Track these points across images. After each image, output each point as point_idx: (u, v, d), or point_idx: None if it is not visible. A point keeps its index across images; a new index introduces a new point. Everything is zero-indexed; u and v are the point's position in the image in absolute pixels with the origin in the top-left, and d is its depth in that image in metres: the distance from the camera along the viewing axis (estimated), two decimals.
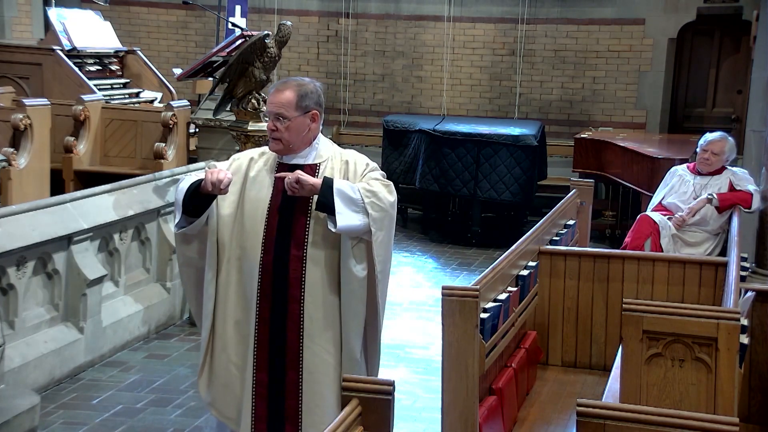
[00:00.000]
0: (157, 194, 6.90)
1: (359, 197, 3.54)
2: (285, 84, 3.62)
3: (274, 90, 3.61)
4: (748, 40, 10.22)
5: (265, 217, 3.60)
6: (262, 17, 12.35)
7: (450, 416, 3.63)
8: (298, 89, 3.58)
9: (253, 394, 3.66)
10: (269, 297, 3.61)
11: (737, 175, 6.69)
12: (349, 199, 3.52)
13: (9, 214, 5.44)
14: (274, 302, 3.61)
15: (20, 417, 4.75)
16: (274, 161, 3.67)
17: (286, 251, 3.59)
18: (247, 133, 6.79)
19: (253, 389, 3.66)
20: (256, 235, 3.59)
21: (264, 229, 3.59)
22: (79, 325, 5.85)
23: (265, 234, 3.59)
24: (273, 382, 3.64)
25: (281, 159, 3.66)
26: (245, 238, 3.61)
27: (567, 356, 5.18)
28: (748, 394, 4.41)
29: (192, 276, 3.80)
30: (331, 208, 3.50)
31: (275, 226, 3.60)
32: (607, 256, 5.16)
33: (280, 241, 3.59)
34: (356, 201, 3.53)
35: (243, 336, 3.67)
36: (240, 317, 3.67)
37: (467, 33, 12.16)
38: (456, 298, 3.58)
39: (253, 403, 3.66)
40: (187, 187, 3.56)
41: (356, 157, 3.73)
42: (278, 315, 3.62)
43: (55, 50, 9.04)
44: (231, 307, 3.68)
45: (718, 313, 3.33)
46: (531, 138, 9.61)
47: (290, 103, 3.56)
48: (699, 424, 2.43)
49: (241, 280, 3.64)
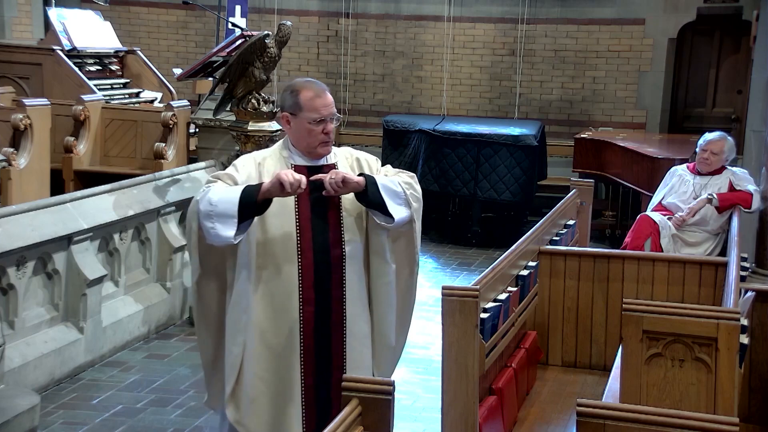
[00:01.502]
0: (157, 194, 6.90)
1: (401, 190, 3.59)
2: (320, 85, 3.62)
3: (321, 93, 3.56)
4: (748, 40, 10.22)
5: (295, 221, 3.53)
6: (262, 17, 12.35)
7: (450, 416, 3.63)
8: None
9: (302, 401, 3.57)
10: (313, 301, 3.55)
11: (737, 175, 6.69)
12: (394, 193, 3.56)
13: (9, 214, 5.44)
14: (318, 305, 3.56)
15: (20, 417, 4.75)
16: (283, 164, 3.59)
17: (326, 252, 3.56)
18: (247, 133, 6.79)
19: (302, 396, 3.57)
20: (289, 240, 3.52)
21: (297, 233, 3.53)
22: (79, 325, 5.86)
23: (299, 238, 3.53)
24: (320, 385, 3.59)
25: (293, 161, 3.60)
26: (274, 245, 3.52)
27: (567, 356, 5.18)
28: (748, 394, 4.41)
29: (215, 290, 3.65)
30: (380, 204, 3.51)
31: (309, 228, 3.54)
32: (607, 256, 5.16)
33: (318, 243, 3.55)
34: (399, 194, 3.58)
35: (269, 346, 3.56)
36: (266, 327, 3.55)
37: (467, 33, 12.16)
38: (456, 298, 3.58)
39: (303, 410, 3.57)
40: (233, 195, 3.41)
41: (366, 155, 3.76)
42: (322, 317, 3.58)
43: (55, 50, 9.04)
44: (257, 318, 3.56)
45: (718, 313, 3.33)
46: (531, 138, 9.61)
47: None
48: (699, 424, 2.43)
49: (269, 288, 3.54)
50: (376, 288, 3.67)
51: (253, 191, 3.41)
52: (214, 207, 3.40)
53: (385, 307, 3.69)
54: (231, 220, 3.38)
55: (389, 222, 3.56)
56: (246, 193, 3.41)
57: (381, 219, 3.56)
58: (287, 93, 3.60)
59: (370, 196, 3.51)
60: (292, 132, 3.60)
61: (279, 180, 3.36)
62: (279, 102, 3.72)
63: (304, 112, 3.54)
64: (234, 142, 7.14)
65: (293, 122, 3.58)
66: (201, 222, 3.43)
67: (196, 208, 3.44)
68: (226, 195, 3.42)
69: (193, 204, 3.48)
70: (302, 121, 3.55)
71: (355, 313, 3.62)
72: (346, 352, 3.62)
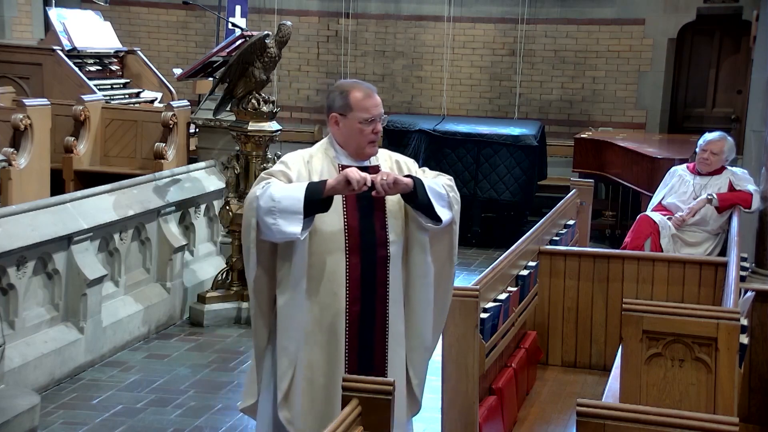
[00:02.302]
0: (157, 194, 6.91)
1: (445, 192, 3.62)
2: (369, 86, 3.65)
3: (370, 93, 3.60)
4: (748, 40, 10.22)
5: (343, 221, 3.55)
6: (262, 17, 12.35)
7: (450, 416, 3.63)
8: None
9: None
10: (359, 300, 3.57)
11: (737, 175, 6.69)
12: (439, 195, 3.59)
13: (9, 214, 5.44)
14: (363, 305, 3.58)
15: (20, 417, 4.75)
16: (330, 164, 3.60)
17: (372, 252, 3.58)
18: (247, 133, 6.79)
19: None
20: (337, 239, 3.54)
21: (345, 232, 3.54)
22: (79, 325, 5.86)
23: (347, 237, 3.54)
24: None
25: (340, 161, 3.62)
26: (322, 243, 3.53)
27: (567, 356, 5.18)
28: (748, 394, 4.41)
29: (268, 287, 3.62)
30: (427, 206, 3.55)
31: (357, 228, 3.56)
32: (607, 256, 5.16)
33: (365, 242, 3.57)
34: (443, 196, 3.61)
35: (316, 345, 3.57)
36: (313, 326, 3.57)
37: (467, 33, 12.16)
38: (456, 298, 3.59)
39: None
40: (296, 191, 3.42)
41: (404, 157, 3.79)
42: (367, 317, 3.60)
43: (55, 50, 9.03)
44: (306, 317, 3.57)
45: (718, 313, 3.33)
46: (531, 138, 9.61)
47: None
48: (699, 424, 2.43)
49: (317, 287, 3.55)
50: (416, 288, 3.68)
51: (318, 188, 3.44)
52: (277, 203, 3.40)
53: (425, 307, 3.70)
54: (296, 216, 3.39)
55: (436, 224, 3.59)
56: (311, 189, 3.43)
57: (426, 221, 3.59)
58: (336, 94, 3.61)
59: (419, 197, 3.54)
60: (341, 132, 3.61)
61: (346, 177, 3.40)
62: (327, 103, 3.65)
63: (355, 112, 3.57)
64: (234, 142, 7.14)
65: (342, 123, 3.59)
66: (261, 218, 3.42)
67: (255, 204, 3.42)
68: (289, 191, 3.43)
69: (251, 200, 3.46)
70: (352, 122, 3.57)
71: (396, 313, 3.65)
72: (388, 353, 3.64)
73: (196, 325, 6.89)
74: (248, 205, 3.47)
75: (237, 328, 6.85)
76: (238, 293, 6.97)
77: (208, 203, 7.57)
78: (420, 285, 3.67)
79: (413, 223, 3.63)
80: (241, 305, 6.94)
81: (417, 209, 3.58)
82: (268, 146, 6.95)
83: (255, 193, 3.45)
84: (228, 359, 6.23)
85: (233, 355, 6.32)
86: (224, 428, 5.14)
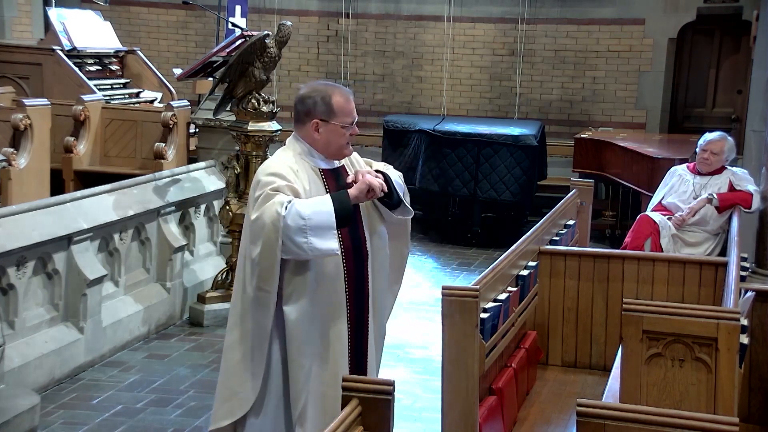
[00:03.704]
0: (157, 194, 6.90)
1: (402, 183, 3.75)
2: (345, 88, 3.69)
3: (349, 96, 3.62)
4: (748, 40, 10.22)
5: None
6: (262, 17, 12.35)
7: (450, 416, 3.62)
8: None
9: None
10: (354, 304, 3.62)
11: (737, 175, 6.69)
12: (402, 188, 3.72)
13: (9, 214, 5.44)
14: (357, 308, 3.64)
15: (20, 417, 4.75)
16: (311, 170, 3.61)
17: (359, 253, 3.65)
18: (247, 133, 6.79)
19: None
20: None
21: (339, 237, 3.55)
22: (79, 325, 5.85)
23: (341, 242, 3.56)
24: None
25: (319, 165, 3.63)
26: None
27: (567, 356, 5.18)
28: (748, 394, 4.41)
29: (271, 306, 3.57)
30: (399, 201, 3.68)
31: (347, 231, 3.60)
32: (607, 256, 5.16)
33: (354, 245, 3.63)
34: (403, 189, 3.73)
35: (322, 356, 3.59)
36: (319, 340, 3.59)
37: (467, 33, 12.16)
38: (456, 298, 3.58)
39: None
40: (323, 206, 3.43)
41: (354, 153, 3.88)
42: (360, 320, 3.67)
43: (55, 50, 9.03)
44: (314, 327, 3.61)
45: (718, 313, 3.33)
46: (531, 138, 9.61)
47: None
48: (699, 424, 2.42)
49: (318, 298, 3.56)
50: (377, 279, 3.77)
51: (344, 199, 3.46)
52: (308, 220, 3.37)
53: (389, 294, 3.85)
54: (330, 231, 3.40)
55: (407, 215, 3.72)
56: (339, 202, 3.44)
57: (398, 214, 3.71)
58: (317, 99, 3.57)
59: (394, 194, 3.64)
60: (322, 137, 3.59)
61: (369, 185, 3.46)
62: (302, 108, 3.60)
63: (338, 116, 3.57)
64: (234, 142, 7.14)
65: (324, 128, 3.58)
66: (290, 237, 3.37)
67: (280, 224, 3.36)
68: (317, 207, 3.42)
69: (274, 220, 3.37)
70: (335, 126, 3.57)
71: (371, 308, 3.74)
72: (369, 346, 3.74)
73: (196, 325, 6.89)
74: (271, 225, 3.38)
75: None
76: None
77: (208, 203, 7.57)
78: (379, 276, 3.75)
79: (375, 216, 3.73)
80: None
81: (388, 206, 3.67)
82: (268, 146, 6.95)
83: (277, 212, 3.38)
84: None
85: None
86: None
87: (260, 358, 3.54)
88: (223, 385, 3.65)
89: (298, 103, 3.64)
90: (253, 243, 3.44)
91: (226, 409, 3.62)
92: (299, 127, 3.63)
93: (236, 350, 3.58)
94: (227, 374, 3.63)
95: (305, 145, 3.63)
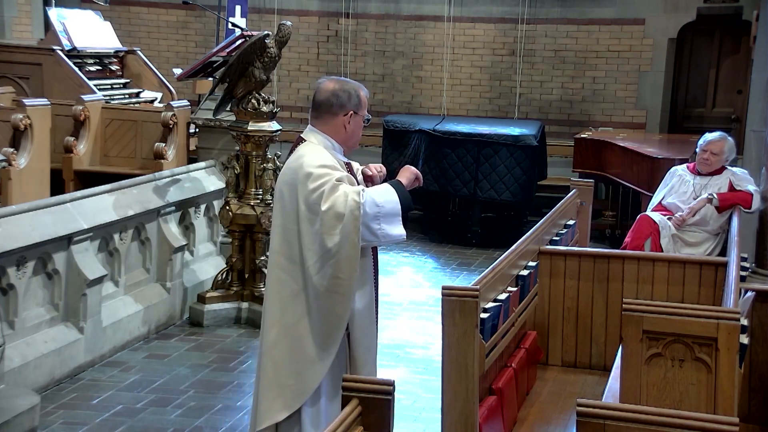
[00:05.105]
0: (157, 194, 6.90)
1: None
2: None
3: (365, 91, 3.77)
4: (748, 40, 10.21)
5: None
6: (262, 17, 12.35)
7: (450, 416, 3.62)
8: None
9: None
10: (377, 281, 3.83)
11: (737, 175, 6.69)
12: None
13: (9, 214, 5.44)
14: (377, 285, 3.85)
15: (20, 417, 4.75)
16: (340, 162, 3.70)
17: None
18: (247, 133, 6.79)
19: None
20: None
21: None
22: (79, 325, 5.85)
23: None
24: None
25: (342, 159, 3.74)
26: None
27: (567, 356, 5.18)
28: (748, 394, 4.41)
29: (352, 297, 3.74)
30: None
31: None
32: (607, 256, 5.16)
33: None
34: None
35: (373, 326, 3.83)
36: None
37: (467, 33, 12.16)
38: (456, 298, 3.58)
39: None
40: (390, 194, 3.59)
41: None
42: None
43: (55, 50, 9.03)
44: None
45: (718, 313, 3.33)
46: (531, 138, 9.61)
47: None
48: (699, 424, 2.42)
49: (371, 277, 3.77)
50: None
51: (402, 189, 3.63)
52: (381, 207, 3.53)
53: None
54: (398, 218, 3.56)
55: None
56: (399, 191, 3.61)
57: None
58: (351, 92, 3.68)
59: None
60: (349, 129, 3.71)
61: (415, 175, 3.70)
62: (337, 102, 3.65)
63: (363, 109, 3.74)
64: (234, 142, 7.14)
65: (353, 120, 3.70)
66: (368, 224, 3.51)
67: (359, 212, 3.48)
68: (386, 195, 3.59)
69: (352, 208, 3.48)
70: (359, 119, 3.73)
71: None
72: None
73: (196, 325, 6.89)
74: (350, 214, 3.48)
75: (237, 328, 6.85)
76: (238, 293, 6.97)
77: (208, 203, 7.57)
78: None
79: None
80: (241, 305, 6.95)
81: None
82: (268, 146, 6.95)
83: (355, 201, 3.49)
84: (228, 359, 6.23)
85: (233, 355, 6.32)
86: (224, 428, 5.14)
87: (333, 346, 3.62)
88: (270, 383, 3.68)
89: (330, 96, 3.67)
90: (327, 233, 3.51)
91: (280, 403, 3.66)
92: (326, 120, 3.68)
93: (280, 346, 3.65)
94: (275, 370, 3.66)
95: (328, 140, 3.70)
